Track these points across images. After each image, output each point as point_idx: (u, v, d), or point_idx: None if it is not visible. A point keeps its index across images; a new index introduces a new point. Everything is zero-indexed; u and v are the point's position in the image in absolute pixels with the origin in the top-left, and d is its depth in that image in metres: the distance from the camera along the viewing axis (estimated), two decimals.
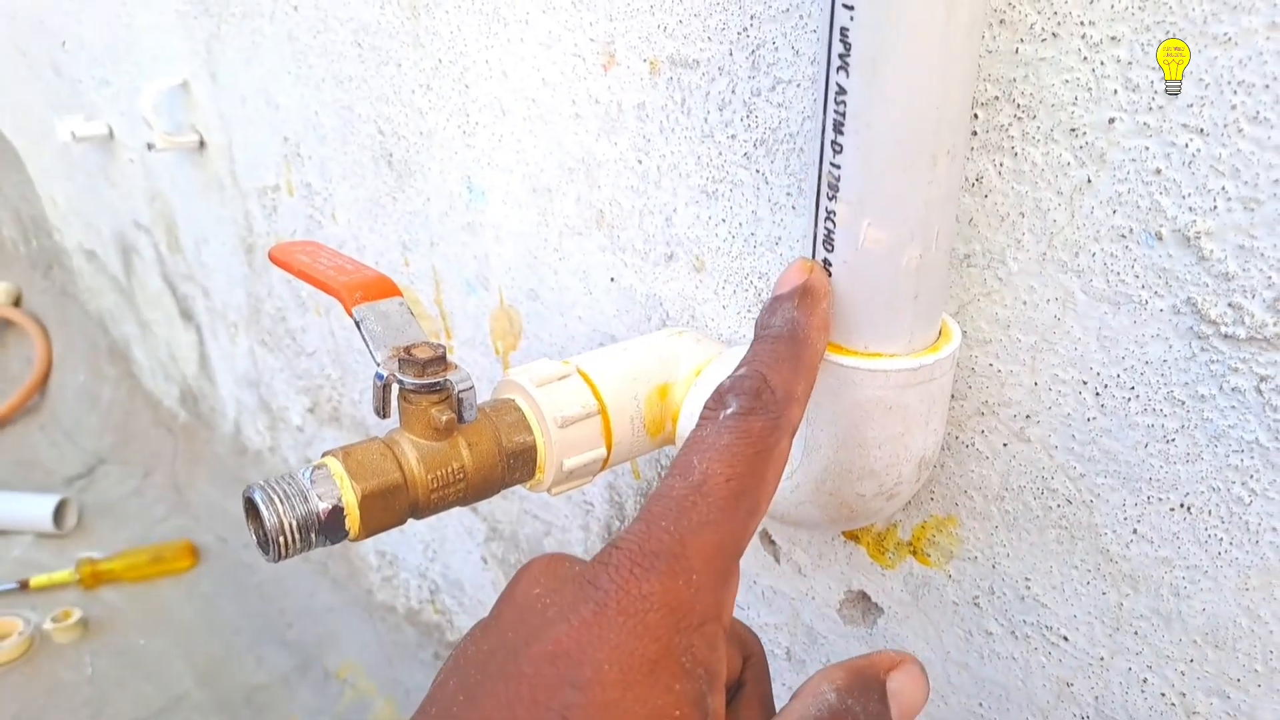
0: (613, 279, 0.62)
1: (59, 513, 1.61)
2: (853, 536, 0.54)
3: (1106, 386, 0.40)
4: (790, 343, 0.34)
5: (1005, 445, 0.45)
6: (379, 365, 0.44)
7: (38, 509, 1.59)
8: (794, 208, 0.49)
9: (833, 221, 0.38)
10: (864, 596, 0.55)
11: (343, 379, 1.03)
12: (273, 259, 0.51)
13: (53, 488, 1.71)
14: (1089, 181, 0.38)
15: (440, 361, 0.43)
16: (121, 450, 1.77)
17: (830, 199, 0.38)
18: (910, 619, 0.53)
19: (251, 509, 0.41)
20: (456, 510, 0.92)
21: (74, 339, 1.92)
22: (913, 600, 0.52)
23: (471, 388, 0.44)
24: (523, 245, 0.68)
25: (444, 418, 0.43)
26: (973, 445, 0.46)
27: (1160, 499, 0.40)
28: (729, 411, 0.30)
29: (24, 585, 1.46)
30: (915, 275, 0.38)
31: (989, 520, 0.47)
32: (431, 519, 0.97)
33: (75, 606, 1.42)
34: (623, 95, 0.55)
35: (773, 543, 0.59)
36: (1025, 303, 0.42)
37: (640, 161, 0.56)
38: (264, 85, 0.92)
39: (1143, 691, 0.44)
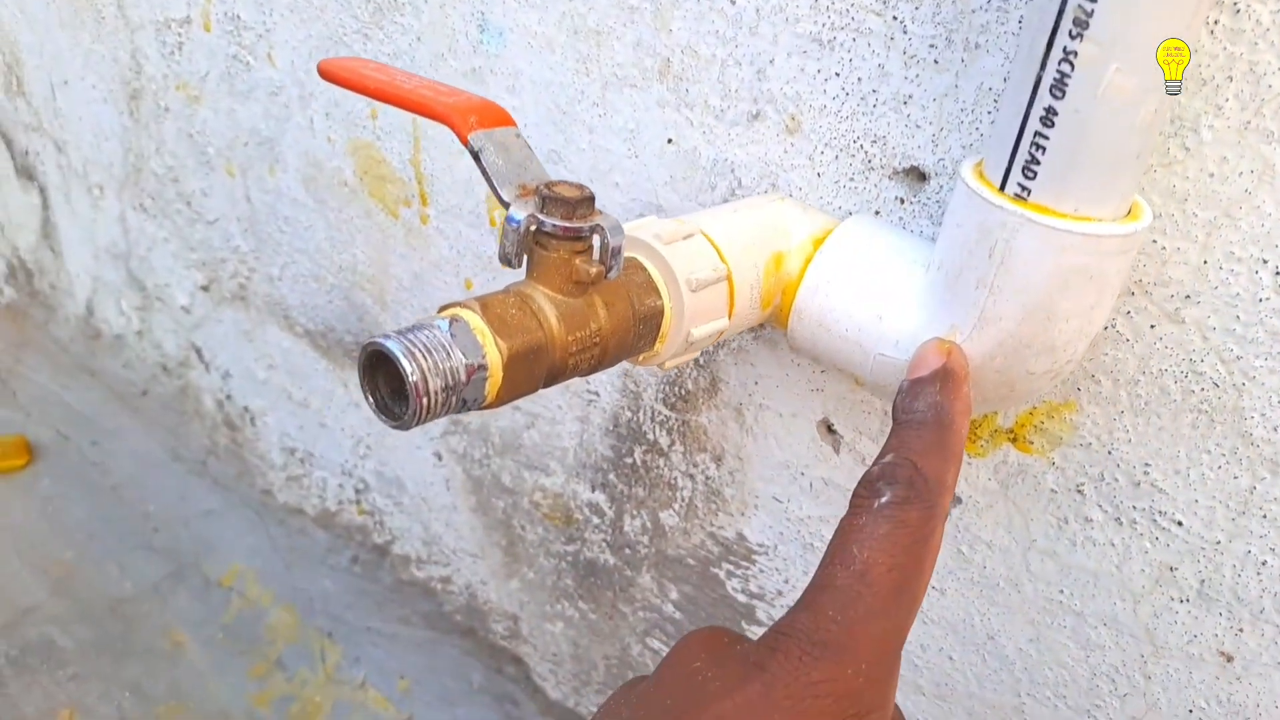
0: (670, 140, 0.55)
1: None
2: None
3: None
4: (937, 429, 0.35)
5: (1153, 327, 0.43)
6: (509, 205, 0.37)
7: None
8: (936, 62, 0.45)
9: (1070, 64, 0.34)
10: None
11: (257, 252, 0.90)
12: (328, 74, 0.42)
13: None
14: None
15: (590, 203, 0.37)
16: None
17: (1074, 38, 0.34)
18: (993, 508, 0.52)
19: (378, 363, 0.34)
20: None
21: None
22: (1000, 489, 0.51)
23: (623, 239, 0.37)
24: (549, 97, 0.60)
25: (591, 270, 0.37)
26: (1112, 327, 0.44)
27: None
28: (884, 500, 0.31)
29: None
30: (1145, 131, 0.35)
31: (1114, 405, 0.45)
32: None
33: None
34: None
35: (833, 432, 0.56)
36: (1212, 175, 0.39)
37: (734, 2, 0.50)
38: None
39: (1259, 574, 0.45)
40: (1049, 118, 0.35)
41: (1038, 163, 0.36)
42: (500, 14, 0.60)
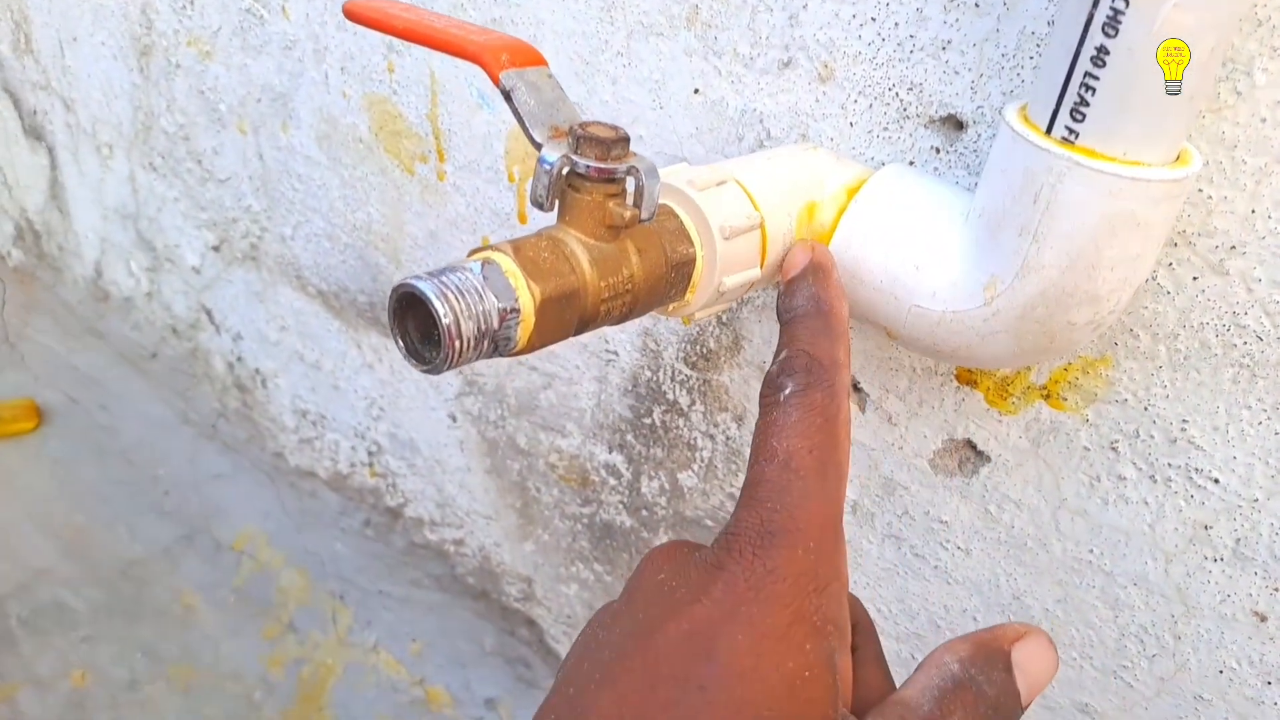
0: (697, 90, 0.54)
1: None
2: (969, 381, 0.51)
3: None
4: (819, 316, 0.37)
5: (1195, 279, 0.42)
6: (541, 146, 0.36)
7: None
8: (977, 5, 0.43)
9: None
10: (968, 445, 0.53)
11: (269, 211, 0.89)
12: (354, 15, 0.40)
13: None
14: None
15: (624, 144, 0.35)
16: None
17: None
18: (1023, 467, 0.51)
19: (409, 305, 0.33)
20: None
21: None
22: (1031, 447, 0.50)
23: (658, 181, 0.36)
24: (572, 48, 0.59)
25: (626, 213, 0.36)
26: (1153, 279, 0.43)
27: None
28: (787, 392, 0.33)
29: None
30: (1200, 71, 0.34)
31: (1153, 360, 0.45)
32: (386, 371, 0.87)
33: None
34: None
35: (858, 390, 0.55)
36: (1264, 120, 0.38)
37: None
38: None
39: None
40: (1100, 57, 0.34)
41: (1087, 104, 0.35)
42: None
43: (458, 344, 0.32)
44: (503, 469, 0.82)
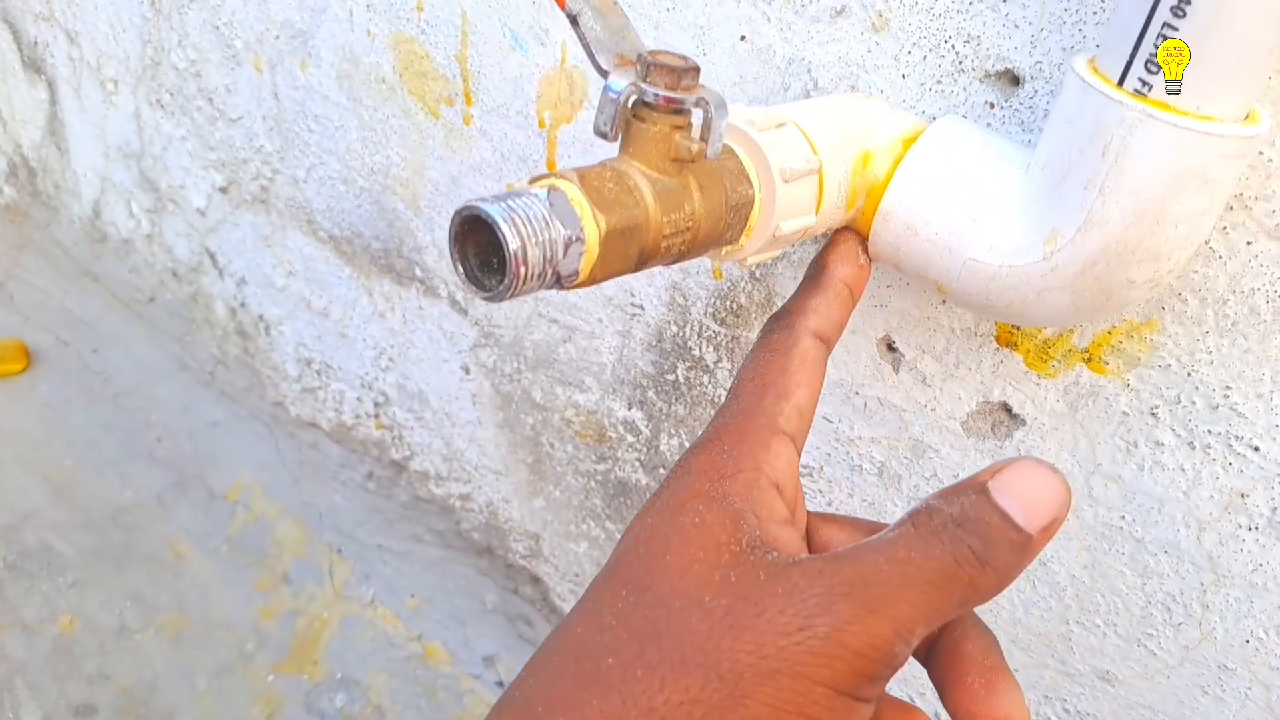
0: (743, 37, 0.53)
1: None
2: (1009, 343, 0.50)
3: None
4: (814, 277, 0.41)
5: (1249, 244, 0.42)
6: (608, 74, 0.35)
7: None
8: None
9: None
10: (1004, 407, 0.52)
11: (283, 152, 0.88)
12: None
13: None
14: None
15: (694, 74, 0.34)
16: None
17: None
18: (1058, 431, 0.51)
19: (472, 229, 0.32)
20: (435, 312, 0.82)
21: None
22: (1068, 411, 0.50)
23: (727, 115, 0.35)
24: None
25: (693, 146, 0.35)
26: (1205, 243, 0.43)
27: None
28: (757, 341, 0.38)
29: None
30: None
31: (1199, 325, 0.44)
32: (398, 320, 0.86)
33: None
34: None
35: (893, 350, 0.55)
36: None
37: None
38: None
39: None
40: (1180, 7, 0.34)
41: None
42: None
43: (523, 271, 0.31)
44: (516, 423, 0.81)
